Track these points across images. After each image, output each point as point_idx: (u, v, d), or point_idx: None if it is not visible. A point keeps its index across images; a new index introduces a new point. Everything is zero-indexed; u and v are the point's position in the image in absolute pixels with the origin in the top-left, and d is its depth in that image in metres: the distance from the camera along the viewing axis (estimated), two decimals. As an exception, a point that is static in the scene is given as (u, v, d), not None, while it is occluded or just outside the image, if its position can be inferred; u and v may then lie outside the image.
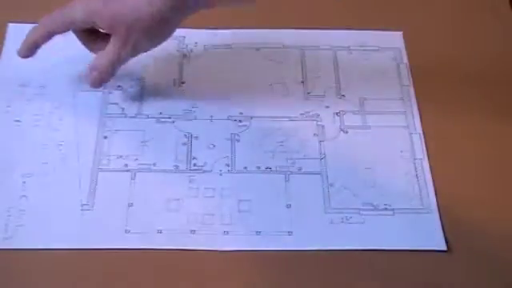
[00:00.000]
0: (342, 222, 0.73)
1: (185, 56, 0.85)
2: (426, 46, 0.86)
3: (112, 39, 0.75)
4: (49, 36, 0.77)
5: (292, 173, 0.76)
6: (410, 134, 0.79)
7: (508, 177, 0.76)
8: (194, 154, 0.77)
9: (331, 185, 0.75)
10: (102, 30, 0.77)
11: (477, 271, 0.70)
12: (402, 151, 0.78)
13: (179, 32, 0.86)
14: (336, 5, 0.90)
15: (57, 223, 0.71)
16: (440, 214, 0.73)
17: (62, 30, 0.77)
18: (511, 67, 0.85)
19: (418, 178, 0.76)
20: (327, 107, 0.81)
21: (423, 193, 0.75)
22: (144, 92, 0.82)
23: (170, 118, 0.80)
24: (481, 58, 0.85)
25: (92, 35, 0.78)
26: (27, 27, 0.85)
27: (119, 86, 0.82)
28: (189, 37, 0.86)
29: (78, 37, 0.79)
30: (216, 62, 0.84)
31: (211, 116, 0.80)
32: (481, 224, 0.73)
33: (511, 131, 0.79)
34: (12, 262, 0.69)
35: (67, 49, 0.84)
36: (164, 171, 0.76)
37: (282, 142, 0.78)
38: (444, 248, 0.71)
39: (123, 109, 0.80)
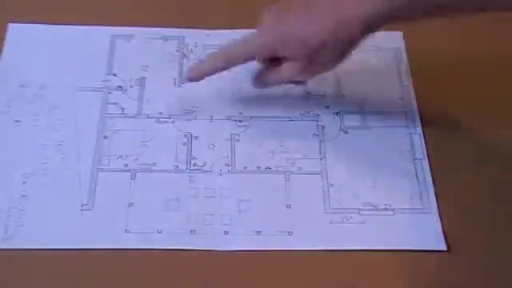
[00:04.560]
0: (342, 222, 0.73)
1: (185, 56, 0.85)
2: (426, 45, 0.86)
3: (290, 63, 0.73)
4: (226, 69, 0.76)
5: (292, 173, 0.76)
6: (410, 134, 0.79)
7: (508, 176, 0.76)
8: (193, 154, 0.77)
9: (331, 185, 0.75)
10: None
11: (477, 271, 0.70)
12: (401, 151, 0.78)
13: (179, 32, 0.86)
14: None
15: (57, 223, 0.71)
16: (440, 214, 0.73)
17: (241, 63, 0.76)
18: (510, 66, 0.84)
19: (418, 177, 0.76)
20: (327, 107, 0.81)
21: (423, 193, 0.75)
22: (144, 92, 0.82)
23: (169, 117, 0.80)
24: (481, 58, 0.85)
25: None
26: (27, 27, 0.85)
27: (119, 86, 0.82)
28: (189, 37, 0.86)
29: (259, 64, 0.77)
30: (216, 62, 0.84)
31: (211, 116, 0.80)
32: (481, 224, 0.73)
33: (511, 131, 0.79)
34: (12, 262, 0.69)
35: (67, 48, 0.84)
36: (164, 171, 0.76)
37: (281, 142, 0.78)
38: (444, 248, 0.71)
39: (123, 109, 0.80)
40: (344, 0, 0.69)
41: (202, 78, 0.77)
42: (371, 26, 0.69)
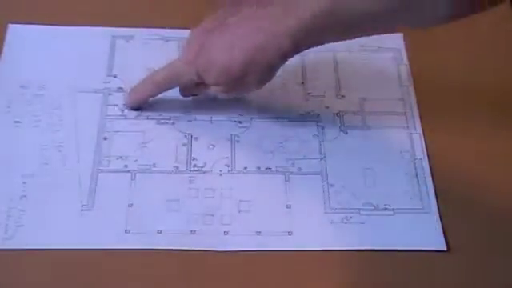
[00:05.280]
0: (342, 222, 0.73)
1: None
2: (425, 46, 0.86)
3: (216, 88, 0.75)
4: (158, 94, 0.80)
5: (292, 173, 0.76)
6: (410, 134, 0.79)
7: (508, 177, 0.76)
8: (193, 155, 0.77)
9: (331, 185, 0.75)
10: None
11: (477, 271, 0.70)
12: (401, 151, 0.78)
13: (179, 33, 0.86)
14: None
15: (57, 223, 0.71)
16: (440, 214, 0.73)
17: (170, 88, 0.79)
18: (510, 67, 0.85)
19: (417, 177, 0.76)
20: (327, 108, 0.81)
21: (423, 193, 0.75)
22: (144, 93, 0.82)
23: (169, 119, 0.80)
24: (481, 58, 0.85)
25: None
26: (27, 28, 0.86)
27: (119, 88, 0.82)
28: (189, 38, 0.86)
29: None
30: (216, 63, 0.84)
31: (211, 117, 0.80)
32: (481, 224, 0.73)
33: (511, 131, 0.79)
34: (12, 261, 0.69)
35: (67, 49, 0.85)
36: (164, 172, 0.76)
37: (281, 142, 0.78)
38: (444, 248, 0.71)
39: (123, 110, 0.80)
40: (261, 28, 0.70)
41: (139, 105, 0.80)
42: (287, 53, 0.71)
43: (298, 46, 0.71)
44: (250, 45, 0.71)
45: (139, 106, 0.80)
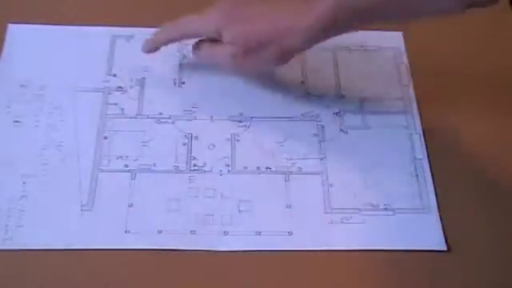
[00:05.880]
0: (342, 222, 0.73)
1: (185, 56, 0.85)
2: (425, 46, 0.86)
3: (231, 48, 0.75)
4: (171, 43, 0.80)
5: (292, 173, 0.76)
6: (410, 134, 0.79)
7: (508, 177, 0.76)
8: (194, 155, 0.77)
9: (331, 185, 0.75)
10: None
11: (477, 271, 0.71)
12: (401, 151, 0.78)
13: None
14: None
15: (57, 224, 0.71)
16: (440, 214, 0.73)
17: (183, 39, 0.81)
18: (510, 67, 0.84)
19: (417, 177, 0.76)
20: (327, 107, 0.81)
21: (423, 193, 0.75)
22: (144, 92, 0.82)
23: (169, 118, 0.80)
24: (480, 58, 0.85)
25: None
26: (27, 28, 0.85)
27: (119, 87, 0.82)
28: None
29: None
30: (216, 62, 0.84)
31: (211, 116, 0.80)
32: (481, 224, 0.73)
33: (511, 131, 0.79)
34: (12, 262, 0.69)
35: (67, 48, 0.84)
36: (164, 171, 0.76)
37: (281, 142, 0.78)
38: (444, 248, 0.71)
39: (123, 109, 0.80)
40: (296, 9, 0.71)
41: (158, 48, 0.80)
42: (312, 38, 0.72)
43: (327, 32, 0.71)
44: (281, 22, 0.71)
45: (153, 49, 0.80)
